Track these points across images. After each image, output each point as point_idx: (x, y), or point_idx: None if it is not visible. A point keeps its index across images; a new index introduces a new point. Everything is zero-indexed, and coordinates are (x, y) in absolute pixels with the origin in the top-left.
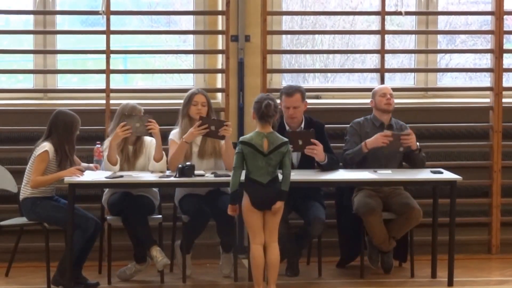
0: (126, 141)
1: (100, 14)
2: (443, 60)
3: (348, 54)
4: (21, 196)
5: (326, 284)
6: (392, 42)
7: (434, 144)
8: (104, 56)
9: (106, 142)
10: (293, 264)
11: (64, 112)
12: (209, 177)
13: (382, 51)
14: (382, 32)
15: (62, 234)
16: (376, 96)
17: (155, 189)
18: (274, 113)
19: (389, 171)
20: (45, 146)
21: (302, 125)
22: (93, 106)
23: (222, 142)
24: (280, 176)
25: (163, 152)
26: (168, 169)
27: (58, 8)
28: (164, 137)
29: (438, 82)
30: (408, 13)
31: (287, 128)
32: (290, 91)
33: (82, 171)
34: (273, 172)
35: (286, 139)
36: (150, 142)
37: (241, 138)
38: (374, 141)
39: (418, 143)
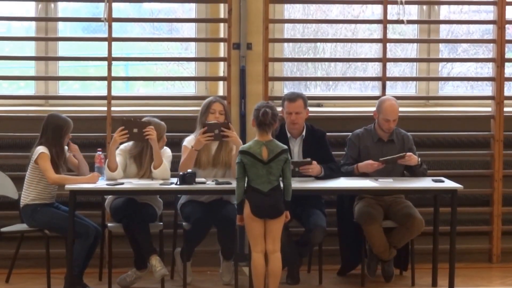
0: (143, 151)
1: (102, 21)
2: (445, 69)
3: (350, 62)
4: (22, 203)
5: None
6: (394, 50)
7: (435, 153)
8: (105, 63)
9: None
10: (293, 272)
11: (55, 115)
12: (210, 184)
13: (384, 60)
14: (384, 40)
15: (63, 241)
16: (380, 113)
17: (159, 199)
18: (272, 121)
19: (390, 180)
20: (39, 149)
21: (304, 133)
22: (95, 113)
23: (233, 152)
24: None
25: (162, 159)
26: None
27: (60, 15)
28: (166, 144)
29: (439, 91)
30: (410, 22)
31: (289, 135)
32: (293, 97)
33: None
34: (274, 181)
35: (285, 147)
36: (163, 151)
37: (240, 148)
38: (365, 167)
39: (419, 159)
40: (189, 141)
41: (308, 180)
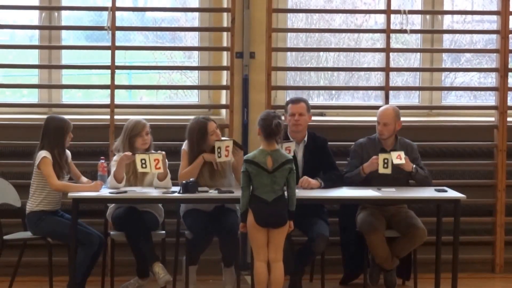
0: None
1: (106, 29)
2: (448, 79)
3: (353, 72)
4: (27, 210)
5: None
6: (397, 60)
7: (439, 163)
8: (109, 71)
9: (116, 157)
10: (296, 281)
11: (53, 117)
12: (213, 193)
13: (387, 69)
14: (387, 50)
15: (65, 248)
16: (377, 119)
17: (160, 206)
18: (282, 131)
19: (393, 189)
20: (42, 154)
21: (305, 139)
22: (98, 121)
23: (232, 160)
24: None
25: (167, 170)
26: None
27: (63, 24)
28: (169, 152)
29: (442, 101)
30: (413, 31)
31: (291, 140)
32: (296, 99)
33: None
34: (279, 190)
35: (290, 157)
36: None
37: (245, 157)
38: (369, 165)
39: (414, 165)
40: (188, 144)
41: (311, 189)
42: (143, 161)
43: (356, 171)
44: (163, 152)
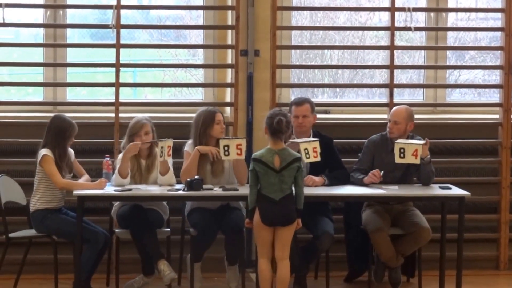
0: (139, 155)
1: (110, 27)
2: (452, 76)
3: (357, 69)
4: (31, 209)
5: None
6: (401, 57)
7: (443, 160)
8: (113, 69)
9: (121, 155)
10: (301, 279)
11: (60, 117)
12: (218, 191)
13: (391, 67)
14: (392, 47)
15: (70, 246)
16: (388, 117)
17: (165, 204)
18: (286, 129)
19: (395, 187)
20: (42, 152)
21: (311, 139)
22: (103, 119)
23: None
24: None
25: (169, 165)
26: (179, 182)
27: (68, 22)
28: (173, 151)
29: (447, 98)
30: (417, 29)
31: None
32: (300, 101)
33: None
34: (287, 189)
35: (298, 155)
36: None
37: (253, 155)
38: (368, 179)
39: (429, 155)
40: (189, 145)
41: (316, 187)
42: (162, 149)
43: (359, 178)
44: (171, 139)
